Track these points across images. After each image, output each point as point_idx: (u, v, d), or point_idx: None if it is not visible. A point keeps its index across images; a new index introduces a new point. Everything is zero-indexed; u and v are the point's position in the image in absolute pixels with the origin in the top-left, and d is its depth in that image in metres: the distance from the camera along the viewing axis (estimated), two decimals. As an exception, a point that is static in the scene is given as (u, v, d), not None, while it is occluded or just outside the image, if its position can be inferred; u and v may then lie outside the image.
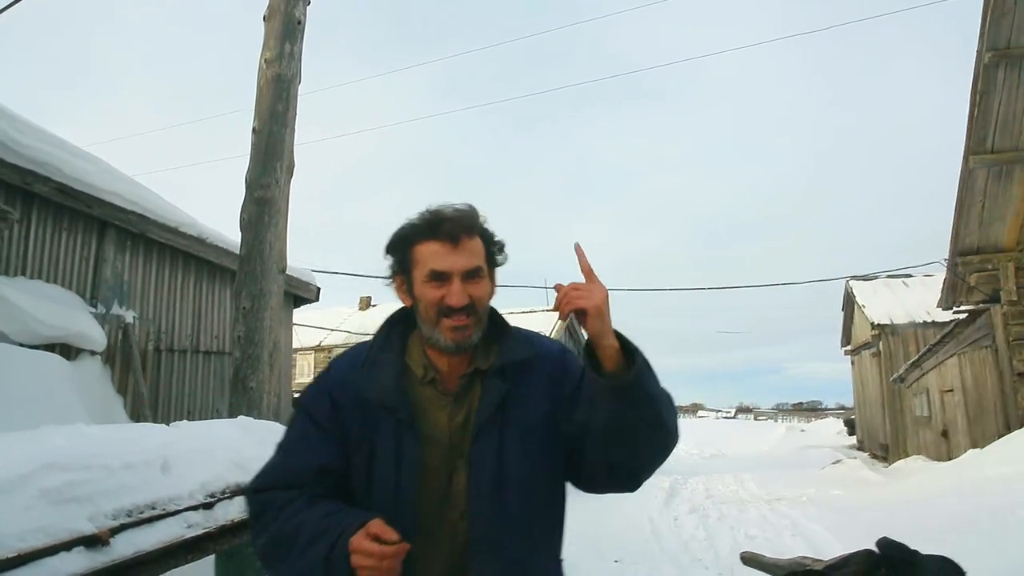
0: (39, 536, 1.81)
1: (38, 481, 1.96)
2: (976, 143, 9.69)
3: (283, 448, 1.49)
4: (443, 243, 1.39)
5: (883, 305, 20.08)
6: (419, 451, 1.39)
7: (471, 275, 1.40)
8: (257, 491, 1.44)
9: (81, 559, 1.88)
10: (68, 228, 5.70)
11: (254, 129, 4.82)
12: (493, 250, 1.48)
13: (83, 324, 5.46)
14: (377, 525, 1.24)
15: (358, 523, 1.26)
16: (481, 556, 1.37)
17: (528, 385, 1.46)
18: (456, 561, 1.39)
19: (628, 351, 1.31)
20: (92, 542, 1.93)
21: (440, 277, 1.39)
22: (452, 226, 1.40)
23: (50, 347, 5.16)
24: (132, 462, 2.34)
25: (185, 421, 3.40)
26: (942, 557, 1.85)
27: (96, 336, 5.51)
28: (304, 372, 34.69)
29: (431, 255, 1.40)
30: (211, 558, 4.02)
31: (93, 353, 5.56)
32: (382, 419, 1.41)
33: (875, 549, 2.03)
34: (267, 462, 1.49)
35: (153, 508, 2.28)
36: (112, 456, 2.29)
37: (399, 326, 1.53)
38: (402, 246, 1.46)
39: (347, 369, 1.50)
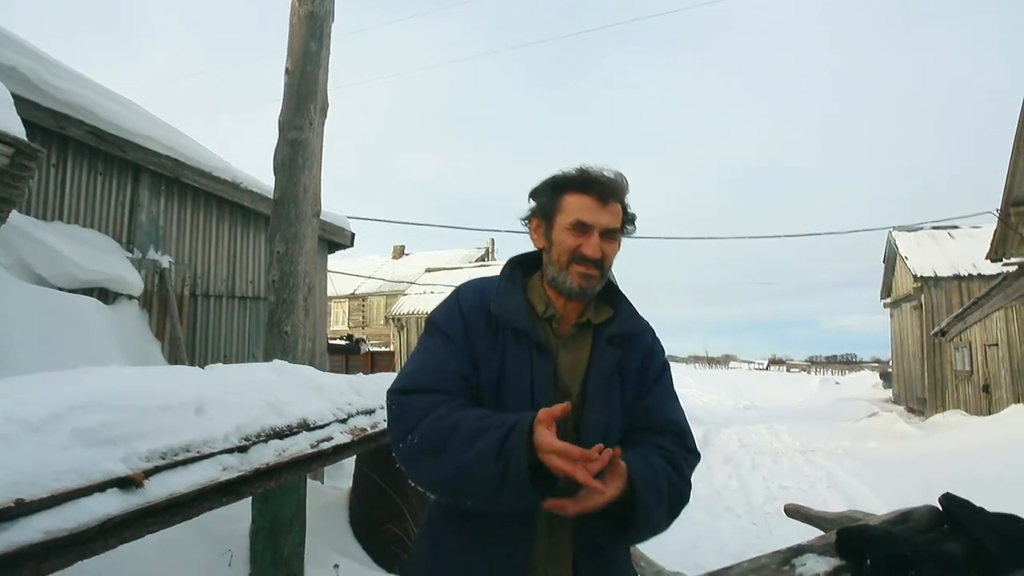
0: (73, 477, 1.78)
1: (72, 421, 1.93)
2: (1037, 85, 9.18)
3: (421, 354, 1.55)
4: (593, 199, 1.51)
5: (927, 257, 19.55)
6: (552, 373, 1.50)
7: (608, 234, 1.52)
8: (400, 392, 1.48)
9: (116, 500, 1.85)
10: (103, 172, 5.69)
11: (287, 69, 4.69)
12: (627, 219, 1.59)
13: (120, 268, 5.48)
14: (548, 412, 1.25)
15: (531, 416, 1.28)
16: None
17: (631, 355, 1.59)
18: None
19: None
20: (126, 484, 1.90)
21: (583, 228, 1.50)
22: (603, 187, 1.52)
23: (88, 291, 5.20)
24: (166, 404, 2.31)
25: (220, 364, 3.38)
26: (1010, 515, 1.74)
27: (133, 281, 5.54)
28: (339, 320, 35.17)
29: (580, 207, 1.51)
30: (247, 500, 4.09)
31: (130, 297, 5.60)
32: (510, 341, 1.51)
33: (937, 505, 1.93)
34: (405, 369, 1.54)
35: (188, 450, 2.24)
36: (146, 397, 2.25)
37: (519, 268, 1.66)
38: (552, 193, 1.57)
39: (476, 294, 1.59)
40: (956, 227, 20.63)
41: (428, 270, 31.65)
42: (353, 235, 8.06)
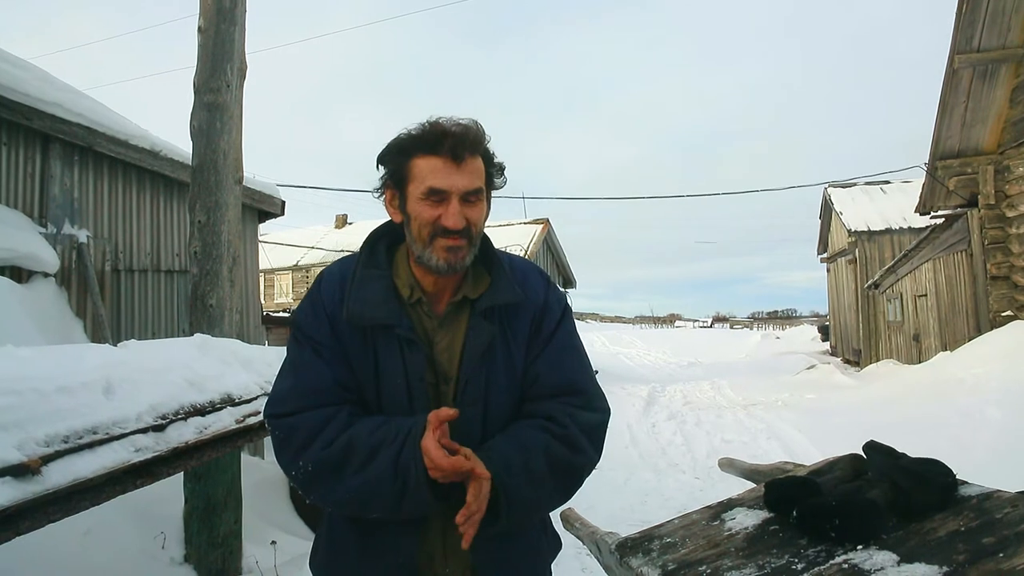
0: (-44, 467, 1.65)
1: (-45, 408, 1.78)
2: (963, 42, 9.44)
3: (293, 370, 1.41)
4: (445, 160, 1.32)
5: (860, 212, 20.11)
6: (424, 365, 1.38)
7: (470, 196, 1.35)
8: (279, 416, 1.37)
9: (8, 489, 1.73)
10: (7, 143, 5.33)
11: (200, 28, 4.43)
12: (492, 171, 1.42)
13: (32, 245, 5.18)
14: (436, 416, 1.24)
15: (420, 425, 1.25)
16: None
17: (513, 327, 1.44)
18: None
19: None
20: (20, 471, 1.78)
21: (439, 195, 1.33)
22: (455, 143, 1.32)
23: (-2, 270, 4.91)
24: (68, 385, 2.17)
25: (134, 340, 3.21)
26: (930, 459, 1.76)
27: (47, 257, 5.25)
28: (282, 292, 34.58)
29: (430, 171, 1.33)
30: (179, 481, 3.94)
31: (46, 275, 5.30)
32: (381, 336, 1.38)
33: (861, 453, 1.95)
34: (278, 387, 1.42)
35: (94, 433, 2.12)
36: (44, 379, 2.11)
37: (384, 240, 1.49)
38: (398, 158, 1.38)
39: (339, 286, 1.42)
40: (888, 182, 21.24)
41: (372, 239, 31.26)
42: (283, 203, 7.79)
